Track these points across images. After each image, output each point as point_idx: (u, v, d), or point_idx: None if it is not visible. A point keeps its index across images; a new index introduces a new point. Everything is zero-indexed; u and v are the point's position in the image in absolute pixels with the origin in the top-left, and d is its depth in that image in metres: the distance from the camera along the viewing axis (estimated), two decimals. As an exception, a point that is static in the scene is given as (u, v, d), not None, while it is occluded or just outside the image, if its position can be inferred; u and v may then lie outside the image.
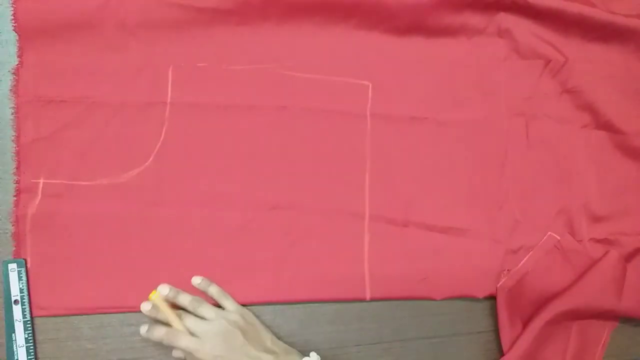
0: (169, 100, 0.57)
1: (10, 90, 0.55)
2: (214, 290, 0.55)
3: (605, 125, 0.63)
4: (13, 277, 0.54)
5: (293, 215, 0.58)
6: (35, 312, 0.54)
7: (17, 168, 0.55)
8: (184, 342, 0.50)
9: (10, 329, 0.53)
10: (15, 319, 0.54)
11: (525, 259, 0.61)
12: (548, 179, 0.63)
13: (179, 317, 0.51)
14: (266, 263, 0.58)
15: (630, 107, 0.63)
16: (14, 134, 0.55)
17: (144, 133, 0.57)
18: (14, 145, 0.55)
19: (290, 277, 0.58)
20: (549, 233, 0.62)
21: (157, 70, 0.57)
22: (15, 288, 0.54)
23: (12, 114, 0.55)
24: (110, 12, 0.55)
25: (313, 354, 0.52)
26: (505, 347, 0.59)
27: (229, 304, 0.55)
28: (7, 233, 0.55)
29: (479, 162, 0.62)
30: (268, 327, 0.57)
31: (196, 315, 0.52)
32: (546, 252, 0.61)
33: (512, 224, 0.62)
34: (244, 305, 0.57)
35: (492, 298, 0.60)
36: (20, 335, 0.54)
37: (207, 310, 0.52)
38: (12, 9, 0.54)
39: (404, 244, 0.60)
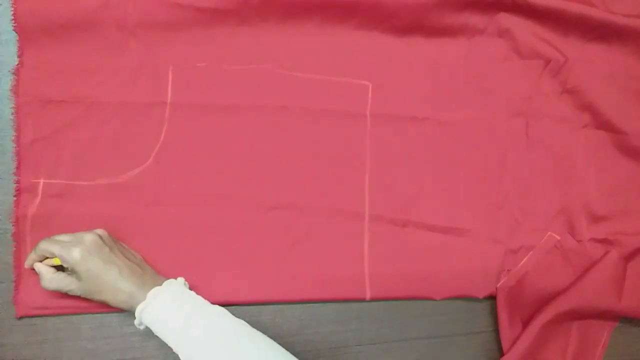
0: (168, 100, 0.57)
1: (10, 90, 0.55)
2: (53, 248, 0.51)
3: (605, 125, 0.63)
4: None
5: (293, 215, 0.58)
6: (35, 312, 0.54)
7: (17, 168, 0.55)
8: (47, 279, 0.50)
9: None
10: None
11: (525, 259, 0.61)
12: (548, 179, 0.63)
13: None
14: (266, 263, 0.58)
15: (631, 107, 0.63)
16: (14, 134, 0.55)
17: (144, 133, 0.57)
18: (14, 145, 0.55)
19: (290, 277, 0.58)
20: (549, 233, 0.62)
21: (157, 70, 0.57)
22: None
23: (12, 114, 0.55)
24: (110, 12, 0.55)
25: (180, 279, 0.52)
26: (505, 347, 0.59)
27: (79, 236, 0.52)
28: (7, 233, 0.55)
29: (479, 162, 0.62)
30: (268, 327, 0.57)
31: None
32: (546, 252, 0.61)
33: (512, 224, 0.62)
34: (243, 305, 0.57)
35: (492, 298, 0.60)
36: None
37: (62, 237, 0.51)
38: (12, 9, 0.54)
39: (404, 244, 0.60)
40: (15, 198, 0.55)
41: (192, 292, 0.51)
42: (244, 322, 0.49)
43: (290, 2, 0.57)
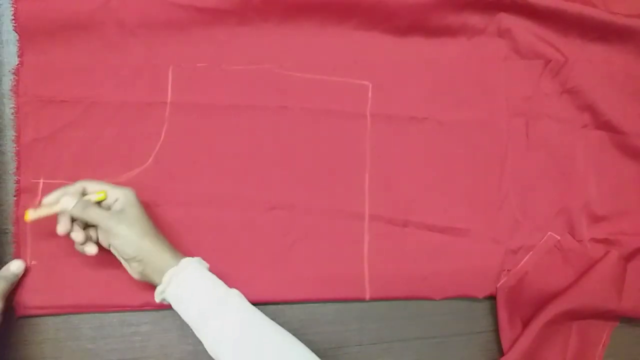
0: (169, 100, 0.57)
1: (11, 90, 0.55)
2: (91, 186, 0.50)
3: (605, 125, 0.63)
4: None
5: (293, 215, 0.58)
6: (35, 312, 0.54)
7: (17, 168, 0.55)
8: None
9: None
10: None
11: (525, 259, 0.61)
12: (548, 179, 0.63)
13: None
14: (266, 263, 0.58)
15: (630, 107, 0.63)
16: (14, 134, 0.55)
17: (144, 133, 0.57)
18: (14, 145, 0.55)
19: (290, 277, 0.58)
20: (549, 233, 0.62)
21: (157, 70, 0.57)
22: None
23: (12, 113, 0.55)
24: (110, 12, 0.55)
25: (198, 258, 0.51)
26: (505, 347, 0.59)
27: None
28: (7, 233, 0.55)
29: (479, 162, 0.62)
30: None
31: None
32: (546, 252, 0.62)
33: (512, 224, 0.62)
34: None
35: (492, 298, 0.61)
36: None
37: (98, 186, 0.50)
38: (12, 9, 0.54)
39: (404, 244, 0.60)
40: (15, 198, 0.55)
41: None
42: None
43: (290, 2, 0.57)
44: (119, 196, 0.49)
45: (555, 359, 0.60)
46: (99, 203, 0.50)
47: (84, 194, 0.50)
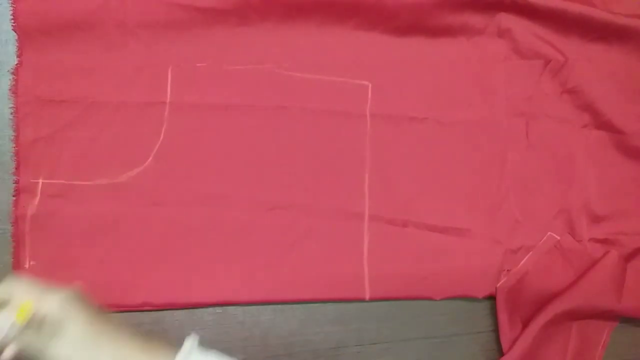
0: (168, 100, 0.57)
1: (10, 90, 0.55)
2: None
3: (605, 125, 0.63)
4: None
5: (293, 215, 0.58)
6: (34, 312, 0.54)
7: (17, 168, 0.55)
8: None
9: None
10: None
11: (525, 259, 0.61)
12: (548, 179, 0.63)
13: None
14: (266, 263, 0.58)
15: (630, 107, 0.63)
16: (13, 134, 0.55)
17: (144, 133, 0.57)
18: (14, 145, 0.55)
19: (290, 277, 0.58)
20: (549, 233, 0.62)
21: (157, 70, 0.57)
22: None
23: (12, 114, 0.55)
24: (110, 12, 0.55)
25: (190, 344, 0.40)
26: (505, 347, 0.59)
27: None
28: (6, 233, 0.55)
29: (479, 162, 0.62)
30: (268, 327, 0.57)
31: None
32: (546, 252, 0.62)
33: (512, 224, 0.62)
34: (244, 305, 0.57)
35: (492, 298, 0.61)
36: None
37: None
38: (12, 8, 0.54)
39: (404, 244, 0.60)
40: (14, 198, 0.55)
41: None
42: None
43: (290, 2, 0.57)
44: (52, 308, 0.37)
45: (555, 359, 0.60)
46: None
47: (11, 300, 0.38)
